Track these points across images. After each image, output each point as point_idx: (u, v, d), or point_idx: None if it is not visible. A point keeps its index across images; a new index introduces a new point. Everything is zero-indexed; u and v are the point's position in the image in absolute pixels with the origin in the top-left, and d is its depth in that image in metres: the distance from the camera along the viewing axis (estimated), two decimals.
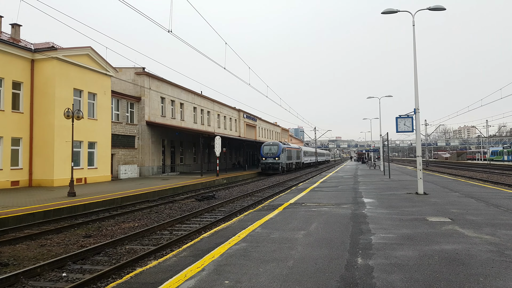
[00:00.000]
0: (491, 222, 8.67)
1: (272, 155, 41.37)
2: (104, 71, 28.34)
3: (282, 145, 42.83)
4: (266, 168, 41.22)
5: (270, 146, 42.44)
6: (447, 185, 19.41)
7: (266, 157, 41.50)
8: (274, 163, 41.00)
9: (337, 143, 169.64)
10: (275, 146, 42.21)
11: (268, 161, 41.31)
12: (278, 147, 41.92)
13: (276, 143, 43.00)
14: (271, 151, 41.68)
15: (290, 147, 47.90)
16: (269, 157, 41.38)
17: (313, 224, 8.79)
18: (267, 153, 41.79)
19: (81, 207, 14.92)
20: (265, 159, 41.58)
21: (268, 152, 41.83)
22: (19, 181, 22.88)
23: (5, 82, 22.33)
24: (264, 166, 41.42)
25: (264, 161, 41.65)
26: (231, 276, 5.10)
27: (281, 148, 41.73)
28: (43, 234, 10.84)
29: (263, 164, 41.49)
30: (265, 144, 43.16)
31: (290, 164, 47.05)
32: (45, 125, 23.68)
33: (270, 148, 42.06)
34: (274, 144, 42.68)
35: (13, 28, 26.02)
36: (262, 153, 42.23)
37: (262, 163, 41.62)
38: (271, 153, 41.60)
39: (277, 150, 41.57)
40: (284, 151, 42.81)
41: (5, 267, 7.82)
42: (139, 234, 10.54)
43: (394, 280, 4.76)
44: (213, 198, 19.17)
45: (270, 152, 41.69)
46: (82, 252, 8.47)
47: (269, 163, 41.16)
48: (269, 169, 41.04)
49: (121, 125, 32.19)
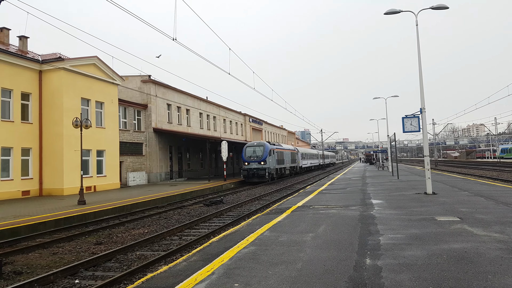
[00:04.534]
0: (500, 220, 8.64)
1: (256, 159, 32.81)
2: (111, 80, 28.67)
3: (270, 145, 34.28)
4: (249, 175, 32.61)
5: (254, 147, 33.82)
6: (456, 184, 19.28)
7: (249, 161, 32.91)
8: (259, 168, 32.35)
9: (344, 145, 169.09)
10: (260, 147, 33.61)
11: (251, 167, 32.57)
12: (264, 148, 33.35)
13: (261, 143, 34.25)
14: (255, 154, 33.13)
15: (281, 148, 39.29)
16: (252, 161, 32.81)
17: (321, 226, 8.82)
18: (250, 156, 33.21)
19: (91, 215, 15.08)
20: (247, 163, 32.91)
21: (251, 155, 33.28)
22: (30, 191, 23.17)
23: (14, 94, 22.70)
24: (246, 173, 32.74)
25: (246, 166, 32.92)
26: (241, 279, 5.16)
27: (267, 150, 33.23)
28: (55, 242, 10.99)
29: (245, 171, 32.81)
30: (247, 146, 34.54)
31: (282, 170, 38.58)
32: (54, 134, 24.00)
33: (253, 150, 33.56)
34: (259, 145, 33.95)
35: (21, 40, 26.46)
36: (244, 156, 33.62)
37: (244, 169, 32.98)
38: (255, 156, 33.04)
39: (263, 152, 33.01)
40: (273, 153, 34.52)
41: (19, 275, 7.95)
42: (149, 240, 10.65)
43: (403, 280, 4.79)
44: (221, 203, 19.25)
45: (253, 155, 33.14)
46: (93, 259, 8.59)
47: (253, 169, 32.45)
48: (253, 176, 32.50)
49: (129, 132, 32.48)
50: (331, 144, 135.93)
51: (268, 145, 33.77)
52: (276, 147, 36.62)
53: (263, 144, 33.91)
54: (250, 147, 33.95)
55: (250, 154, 33.26)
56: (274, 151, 34.94)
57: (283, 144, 45.40)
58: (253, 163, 32.55)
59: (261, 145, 33.71)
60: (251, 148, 33.87)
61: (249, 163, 32.74)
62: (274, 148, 35.44)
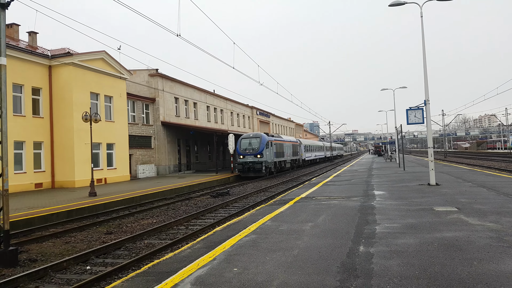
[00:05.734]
0: (498, 210, 8.83)
1: (252, 151, 30.67)
2: (119, 74, 29.11)
3: (267, 137, 31.97)
4: (245, 169, 30.50)
5: (250, 139, 31.62)
6: (461, 176, 19.38)
7: (245, 154, 30.84)
8: (255, 162, 30.20)
9: (353, 137, 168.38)
10: (256, 138, 31.35)
11: (246, 160, 30.48)
12: (260, 140, 31.05)
13: (257, 134, 32.45)
14: (251, 146, 30.96)
15: (281, 140, 36.37)
16: (248, 154, 30.69)
17: (321, 216, 9.11)
18: (245, 149, 31.13)
19: (102, 206, 15.58)
20: (242, 157, 30.86)
21: (246, 147, 31.16)
22: (42, 183, 23.84)
23: (25, 89, 23.26)
24: (241, 167, 30.64)
25: (241, 159, 30.90)
26: (240, 264, 5.50)
27: (264, 142, 30.94)
28: (67, 232, 11.47)
29: (240, 165, 30.73)
30: (242, 137, 32.36)
31: (282, 163, 36.20)
32: (65, 128, 24.57)
33: (249, 142, 31.32)
34: (255, 136, 31.80)
35: (30, 36, 26.96)
36: (238, 149, 31.53)
37: (239, 162, 30.97)
38: (250, 148, 30.90)
39: (259, 144, 30.72)
40: (270, 145, 32.04)
41: (34, 262, 8.41)
42: (157, 229, 11.08)
43: (391, 265, 5.08)
44: (228, 195, 19.65)
45: (249, 148, 31.00)
46: (104, 248, 9.03)
47: (248, 162, 30.32)
48: (248, 170, 30.38)
49: (138, 126, 33.00)
50: (340, 136, 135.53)
51: (265, 136, 31.79)
52: (275, 139, 34.13)
53: (259, 135, 31.97)
54: (246, 139, 31.85)
55: (245, 147, 31.25)
56: (272, 143, 32.53)
57: (283, 136, 42.30)
58: (249, 156, 30.58)
59: (257, 137, 31.62)
60: (246, 140, 31.76)
61: (244, 156, 30.77)
62: (272, 139, 33.08)
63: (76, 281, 6.91)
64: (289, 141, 39.85)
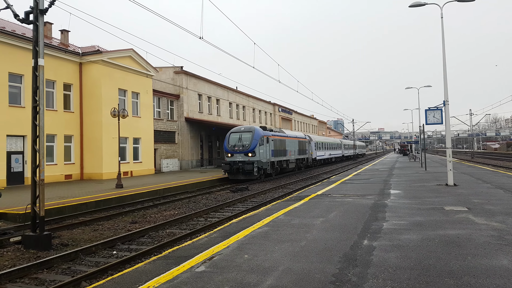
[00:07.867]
0: (507, 211, 8.98)
1: (242, 149, 25.08)
2: (146, 71, 30.16)
3: (262, 131, 26.38)
4: (232, 170, 24.70)
5: (240, 133, 25.94)
6: (482, 177, 19.22)
7: (233, 152, 25.28)
8: (245, 162, 24.47)
9: (378, 135, 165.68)
10: (248, 133, 25.69)
11: (235, 159, 24.92)
12: (252, 134, 25.39)
13: (250, 128, 26.66)
14: (241, 142, 25.36)
15: (282, 136, 30.24)
16: (237, 151, 25.15)
17: (333, 212, 9.52)
18: (233, 146, 25.51)
19: (128, 197, 16.46)
20: (230, 155, 25.34)
21: (235, 143, 25.55)
22: (72, 175, 25.14)
23: (57, 84, 24.55)
24: (228, 167, 24.74)
25: (229, 158, 25.29)
26: (251, 252, 6.02)
27: (258, 137, 25.30)
28: (95, 220, 12.31)
29: (227, 165, 24.84)
30: (231, 131, 26.68)
31: (283, 163, 29.92)
32: (94, 123, 25.77)
33: (239, 137, 25.66)
34: (247, 130, 26.12)
35: (62, 34, 28.31)
36: (226, 145, 25.99)
37: (226, 162, 25.11)
38: (240, 145, 25.32)
39: (251, 140, 25.10)
40: (266, 142, 26.25)
41: (66, 247, 9.21)
42: (178, 220, 11.77)
43: (390, 257, 5.47)
44: (247, 190, 20.21)
45: (238, 144, 25.40)
46: (129, 235, 9.77)
47: (237, 162, 24.66)
48: (237, 172, 24.64)
49: (162, 121, 34.06)
50: (365, 134, 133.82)
51: (259, 130, 26.12)
52: (274, 134, 28.48)
53: (252, 129, 26.12)
54: (235, 133, 26.16)
55: (234, 143, 25.63)
56: (268, 138, 26.73)
57: (287, 131, 35.06)
58: (238, 154, 24.99)
59: (249, 131, 25.91)
60: (236, 134, 26.05)
61: (232, 155, 25.23)
62: (269, 135, 27.30)
63: (104, 263, 7.61)
64: (293, 137, 33.56)
